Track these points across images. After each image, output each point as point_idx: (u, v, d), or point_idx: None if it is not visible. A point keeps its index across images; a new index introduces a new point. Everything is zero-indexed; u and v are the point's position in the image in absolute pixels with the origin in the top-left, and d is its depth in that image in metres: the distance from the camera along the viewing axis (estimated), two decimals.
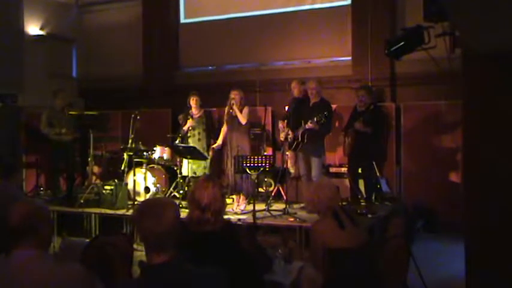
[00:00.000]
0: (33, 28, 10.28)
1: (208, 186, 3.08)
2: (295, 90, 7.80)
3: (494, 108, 3.69)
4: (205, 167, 7.86)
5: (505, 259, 3.67)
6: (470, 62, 3.73)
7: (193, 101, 7.96)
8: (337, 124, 8.16)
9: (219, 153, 7.93)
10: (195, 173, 7.72)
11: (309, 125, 6.90)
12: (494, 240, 3.71)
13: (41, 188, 9.21)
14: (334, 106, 7.85)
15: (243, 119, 7.33)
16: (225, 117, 7.55)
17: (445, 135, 7.87)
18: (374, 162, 7.39)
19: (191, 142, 7.88)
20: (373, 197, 7.33)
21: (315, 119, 6.77)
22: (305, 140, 7.07)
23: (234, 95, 7.37)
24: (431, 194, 7.62)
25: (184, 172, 7.80)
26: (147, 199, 2.44)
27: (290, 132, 7.29)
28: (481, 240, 3.78)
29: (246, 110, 7.40)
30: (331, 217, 3.60)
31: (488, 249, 3.73)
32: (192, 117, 7.94)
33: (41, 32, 10.40)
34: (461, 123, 4.08)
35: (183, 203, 6.52)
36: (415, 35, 4.37)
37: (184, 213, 2.98)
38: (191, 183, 7.50)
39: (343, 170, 7.83)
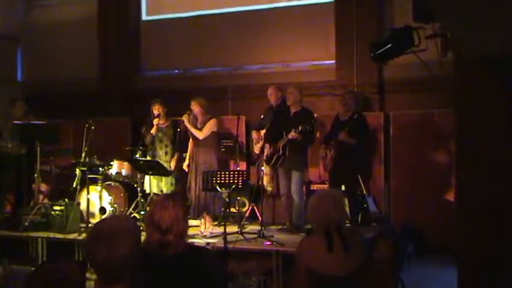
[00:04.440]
0: None
1: (169, 206, 3.01)
2: (272, 97, 7.81)
3: (489, 117, 3.78)
4: (172, 184, 7.85)
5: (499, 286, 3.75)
6: (463, 67, 3.82)
7: (156, 110, 7.93)
8: (318, 135, 8.20)
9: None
10: (161, 190, 7.70)
11: (293, 134, 6.91)
12: (487, 267, 3.79)
13: None
14: (315, 115, 7.90)
15: (198, 133, 7.31)
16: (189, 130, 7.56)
17: (438, 148, 7.97)
18: (360, 178, 7.45)
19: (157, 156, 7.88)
20: (359, 218, 7.38)
21: (300, 128, 6.79)
22: (286, 153, 7.09)
23: (193, 106, 7.32)
24: (422, 214, 7.70)
25: (148, 189, 7.77)
26: (101, 221, 2.36)
27: (269, 146, 7.27)
28: (475, 266, 3.85)
29: (211, 122, 7.35)
30: (322, 236, 3.47)
31: (482, 276, 3.81)
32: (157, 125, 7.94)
33: None
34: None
35: (144, 225, 6.49)
36: (404, 37, 4.47)
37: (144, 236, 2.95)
38: None
39: (326, 187, 7.87)
